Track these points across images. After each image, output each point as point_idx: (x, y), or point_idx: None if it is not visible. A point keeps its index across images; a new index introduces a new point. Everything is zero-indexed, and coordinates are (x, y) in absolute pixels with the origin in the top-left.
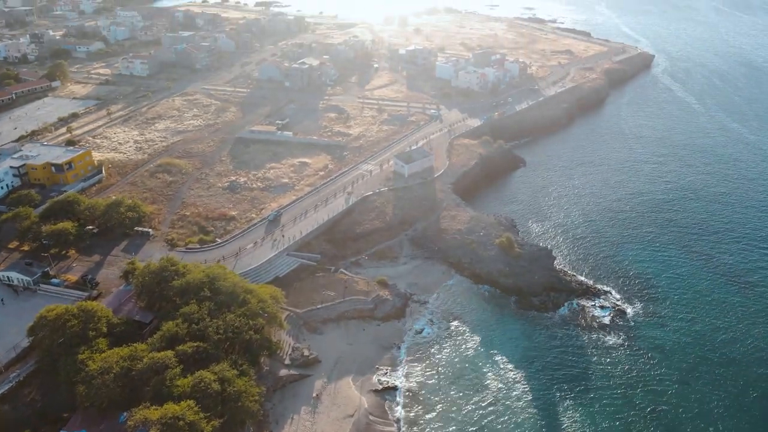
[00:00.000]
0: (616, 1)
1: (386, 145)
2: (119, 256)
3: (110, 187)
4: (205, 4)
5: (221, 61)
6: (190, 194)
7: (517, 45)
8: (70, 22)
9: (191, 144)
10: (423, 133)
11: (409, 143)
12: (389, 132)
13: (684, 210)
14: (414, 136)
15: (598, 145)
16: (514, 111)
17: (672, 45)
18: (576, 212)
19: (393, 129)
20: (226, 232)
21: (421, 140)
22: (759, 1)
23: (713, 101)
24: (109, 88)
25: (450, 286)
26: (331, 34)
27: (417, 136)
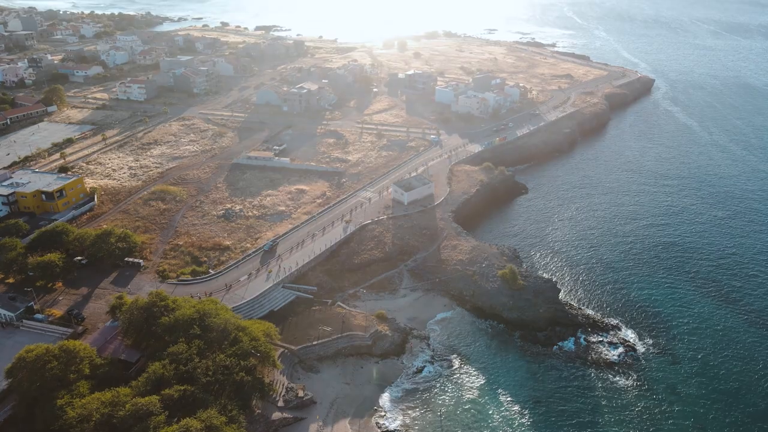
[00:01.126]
0: (613, 25)
1: (385, 171)
2: (108, 288)
3: (102, 216)
4: (205, 28)
5: (219, 85)
6: (183, 223)
7: (516, 69)
8: (69, 46)
9: (187, 170)
10: (423, 159)
11: (409, 170)
12: (388, 158)
13: (688, 236)
14: (414, 162)
15: (600, 170)
16: (516, 136)
17: (671, 69)
18: (579, 240)
19: (392, 155)
20: (219, 262)
21: (421, 167)
22: (756, 24)
23: (715, 126)
24: (106, 113)
25: (451, 319)
26: (330, 59)
27: (417, 162)
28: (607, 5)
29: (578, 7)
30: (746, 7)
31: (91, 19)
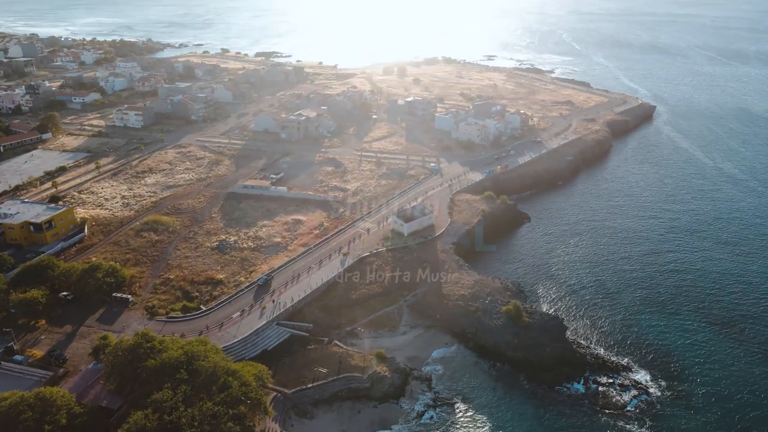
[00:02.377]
0: (611, 51)
1: (384, 201)
2: (93, 326)
3: (92, 248)
4: (205, 54)
5: (217, 112)
6: (176, 255)
7: (517, 95)
8: (69, 73)
9: (181, 199)
10: (423, 188)
11: (409, 199)
12: (388, 187)
13: (696, 266)
14: (413, 192)
15: (603, 199)
16: (517, 164)
17: (671, 95)
18: (584, 273)
19: (392, 183)
20: (212, 298)
21: (421, 196)
22: (754, 50)
23: (718, 152)
24: (101, 140)
25: (453, 359)
26: (330, 85)
27: (417, 191)
28: (604, 31)
29: (576, 34)
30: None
31: (92, 46)
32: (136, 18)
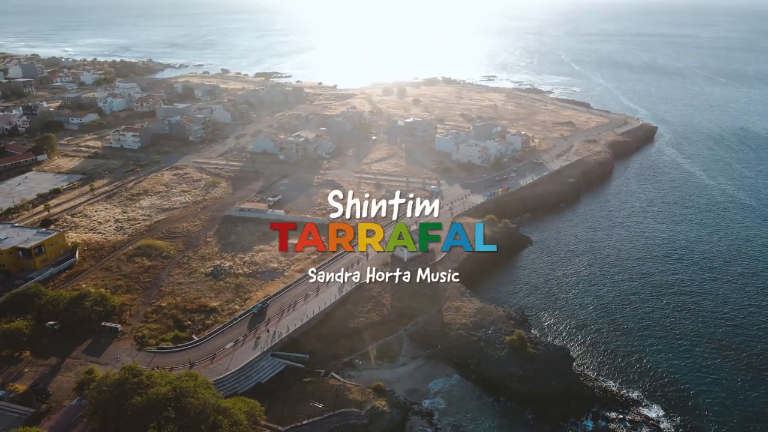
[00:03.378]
0: (610, 71)
1: (383, 225)
2: (80, 359)
3: (82, 273)
4: (205, 75)
5: (216, 133)
6: (168, 281)
7: (517, 116)
8: (68, 93)
9: (176, 223)
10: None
11: (408, 222)
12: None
13: (704, 292)
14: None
15: (606, 221)
16: (519, 186)
17: (672, 115)
18: (589, 299)
19: (391, 206)
20: (204, 327)
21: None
22: (752, 71)
23: (722, 175)
24: (97, 162)
25: (455, 392)
26: (329, 105)
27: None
28: (603, 52)
29: (574, 54)
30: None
31: (92, 67)
32: (138, 39)
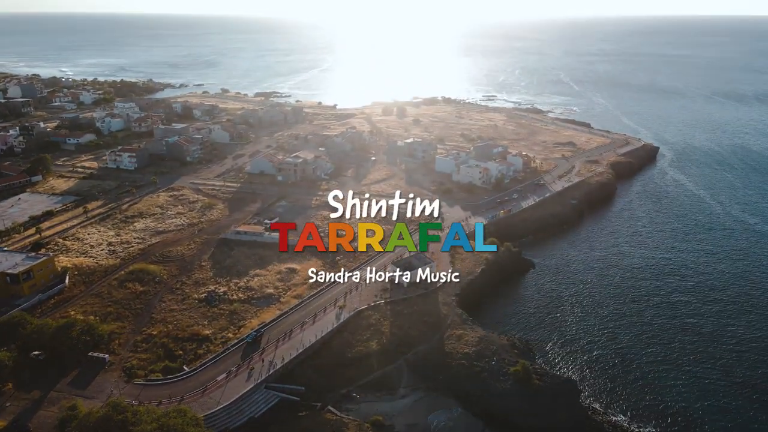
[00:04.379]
0: (609, 91)
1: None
2: (64, 392)
3: (71, 300)
4: (205, 95)
5: (214, 153)
6: (161, 308)
7: (518, 136)
8: (66, 113)
9: (170, 246)
10: None
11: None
12: (387, 232)
13: (713, 316)
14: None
15: (610, 244)
16: (520, 208)
17: (673, 136)
18: (595, 326)
19: (391, 229)
20: (196, 357)
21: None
22: (751, 91)
23: (726, 196)
24: (93, 183)
25: (458, 426)
26: (329, 125)
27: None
28: (602, 71)
29: (574, 74)
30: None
31: (92, 86)
32: (140, 59)
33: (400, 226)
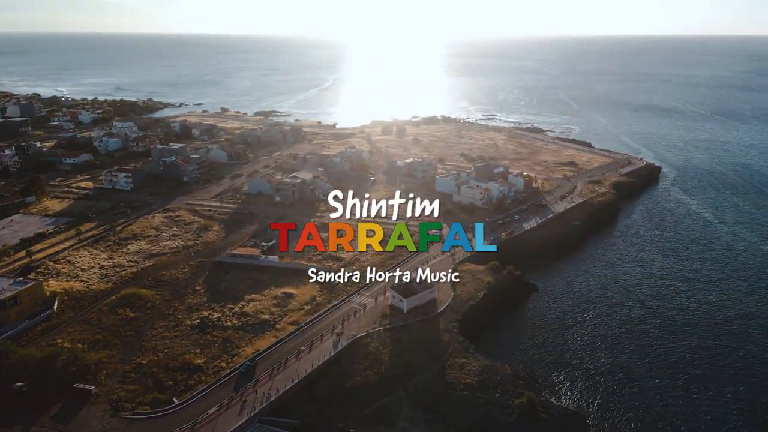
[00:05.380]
0: (610, 110)
1: (383, 270)
2: (46, 426)
3: (59, 326)
4: (204, 114)
5: (211, 173)
6: (151, 335)
7: (518, 156)
8: (64, 133)
9: (164, 269)
10: (424, 257)
11: (408, 269)
12: (386, 255)
13: (720, 344)
14: (414, 261)
15: (615, 267)
16: (523, 230)
17: (674, 154)
18: (602, 354)
19: (390, 252)
20: (187, 388)
21: (422, 265)
22: (750, 109)
23: (731, 216)
24: (87, 204)
25: None
26: (328, 145)
27: (417, 260)
28: (600, 90)
29: (573, 92)
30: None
31: (92, 106)
32: (141, 78)
33: (400, 226)
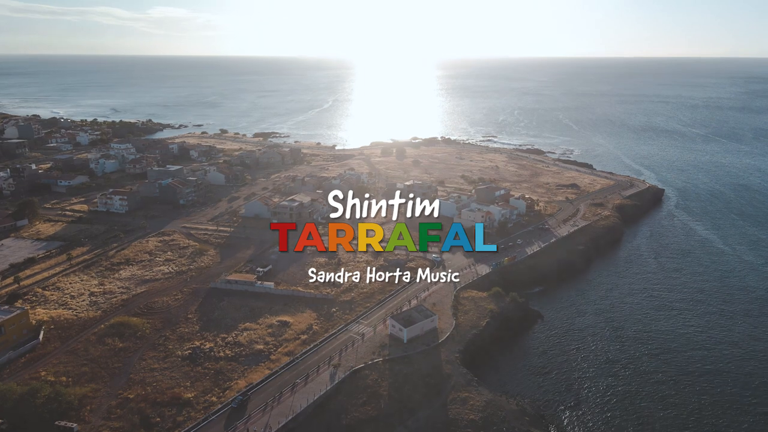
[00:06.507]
0: (610, 131)
1: (381, 298)
2: None
3: (44, 357)
4: (203, 135)
5: (208, 195)
6: (140, 367)
7: (520, 178)
8: (61, 154)
9: (156, 296)
10: (424, 284)
11: (408, 296)
12: (384, 282)
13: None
14: (414, 288)
15: (621, 294)
16: (526, 255)
17: (677, 176)
18: (610, 387)
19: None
20: (175, 425)
21: (423, 291)
22: (749, 130)
23: (737, 240)
24: (81, 227)
25: None
26: (327, 166)
27: (417, 287)
28: (599, 112)
29: (572, 114)
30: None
31: (90, 127)
32: (142, 99)
33: (400, 226)
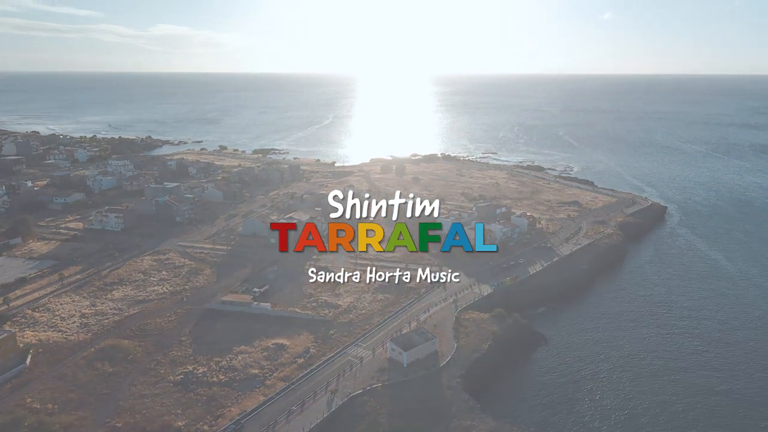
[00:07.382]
0: (610, 148)
1: (380, 320)
2: None
3: (30, 383)
4: (202, 152)
5: (205, 213)
6: (130, 393)
7: (520, 195)
8: (59, 171)
9: (149, 318)
10: (424, 304)
11: (408, 318)
12: (385, 302)
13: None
14: (414, 309)
15: (625, 314)
16: (528, 274)
17: (679, 193)
18: (615, 412)
19: (389, 298)
20: None
21: (423, 313)
22: (747, 145)
23: (742, 258)
24: (75, 246)
25: None
26: (326, 183)
27: (417, 308)
28: (599, 128)
29: (572, 130)
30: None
31: (89, 144)
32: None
33: (400, 226)
